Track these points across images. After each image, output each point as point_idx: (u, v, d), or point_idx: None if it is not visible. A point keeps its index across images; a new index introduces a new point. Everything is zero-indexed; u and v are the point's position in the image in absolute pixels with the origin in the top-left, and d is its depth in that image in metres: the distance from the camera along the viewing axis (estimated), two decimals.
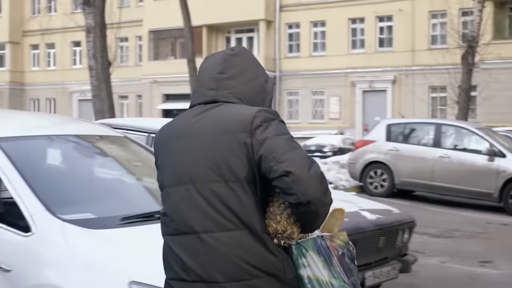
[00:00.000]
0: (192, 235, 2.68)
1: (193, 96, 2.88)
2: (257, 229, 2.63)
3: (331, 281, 2.65)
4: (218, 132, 2.68)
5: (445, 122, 16.14)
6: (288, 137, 2.64)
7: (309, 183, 2.53)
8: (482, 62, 29.81)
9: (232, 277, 2.61)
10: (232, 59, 2.84)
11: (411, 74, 36.70)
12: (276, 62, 41.07)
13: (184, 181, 2.73)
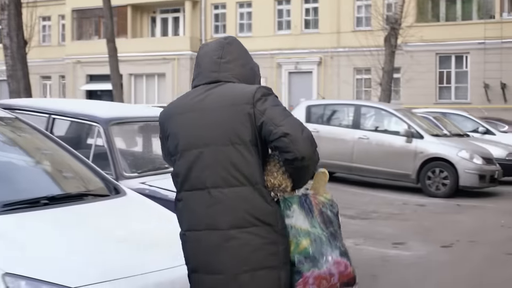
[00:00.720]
0: (203, 191, 3.21)
1: (197, 78, 3.41)
2: (259, 184, 3.18)
3: (311, 229, 3.21)
4: (225, 104, 3.24)
5: (365, 103, 16.17)
6: (283, 107, 3.25)
7: (303, 142, 3.11)
8: (405, 45, 30.19)
9: (234, 225, 3.15)
10: (228, 47, 3.38)
11: (336, 56, 36.86)
12: (202, 42, 40.63)
13: (197, 145, 3.25)
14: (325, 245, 3.21)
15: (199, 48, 3.51)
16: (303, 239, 3.20)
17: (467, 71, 33.87)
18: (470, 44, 33.07)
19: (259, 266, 3.16)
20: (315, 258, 3.19)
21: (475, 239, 9.68)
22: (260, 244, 3.15)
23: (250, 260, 3.16)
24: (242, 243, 3.16)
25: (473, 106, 32.26)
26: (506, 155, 16.35)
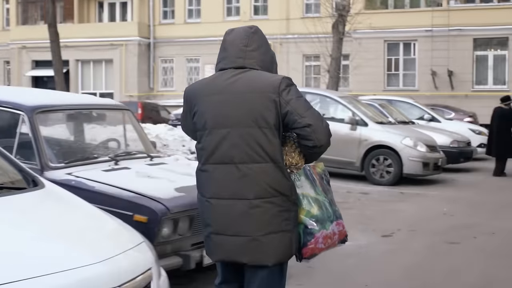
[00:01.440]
0: (231, 165, 3.72)
1: (223, 61, 3.85)
2: (279, 161, 3.72)
3: (316, 196, 3.85)
4: (252, 91, 3.70)
5: (309, 90, 15.98)
6: (305, 99, 3.77)
7: (323, 133, 3.70)
8: (354, 32, 30.12)
9: (258, 195, 3.69)
10: (253, 36, 3.86)
11: (286, 43, 36.70)
12: (150, 28, 40.14)
13: (225, 125, 3.73)
14: (329, 210, 3.90)
15: (225, 33, 3.98)
16: (313, 205, 3.84)
17: (415, 58, 34.03)
18: (418, 31, 33.22)
19: (276, 230, 3.74)
20: (323, 220, 3.85)
21: (416, 228, 9.59)
22: (277, 212, 3.73)
23: (269, 224, 3.73)
24: (263, 210, 3.72)
25: (420, 93, 32.48)
26: (450, 142, 16.40)
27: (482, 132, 19.72)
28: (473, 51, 32.88)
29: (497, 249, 8.41)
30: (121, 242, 4.20)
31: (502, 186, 14.50)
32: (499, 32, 32.15)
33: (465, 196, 12.81)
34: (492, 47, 32.98)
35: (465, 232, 9.38)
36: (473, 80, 32.94)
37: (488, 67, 32.89)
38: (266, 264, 3.77)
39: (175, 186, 6.14)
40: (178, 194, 5.98)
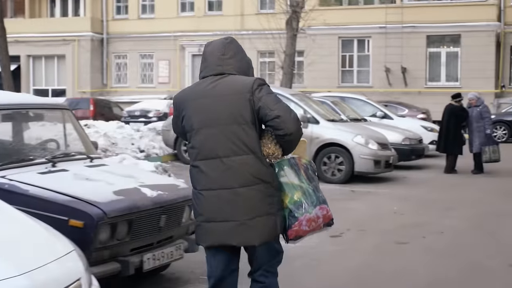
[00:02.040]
0: (216, 159, 4.20)
1: (204, 70, 4.37)
2: (258, 153, 4.22)
3: (300, 184, 4.30)
4: (231, 93, 4.22)
5: None
6: (274, 95, 4.26)
7: (291, 122, 4.17)
8: (308, 28, 30.09)
9: (242, 184, 4.17)
10: (229, 45, 4.36)
11: (240, 39, 36.19)
12: (103, 24, 39.69)
13: (209, 124, 4.24)
14: (312, 195, 4.34)
15: (204, 46, 4.49)
16: (296, 192, 4.29)
17: (369, 55, 34.19)
18: (372, 28, 33.37)
19: (261, 213, 4.20)
20: (306, 205, 4.29)
21: (366, 228, 9.49)
22: (261, 197, 4.20)
23: (254, 209, 4.19)
24: (248, 197, 4.19)
25: (374, 89, 32.62)
26: (401, 140, 16.39)
27: (434, 129, 19.77)
28: (426, 48, 33.13)
29: (445, 249, 8.34)
30: (48, 251, 4.01)
31: (453, 183, 14.51)
32: (451, 29, 32.43)
33: (415, 194, 12.78)
34: (444, 44, 33.26)
35: (414, 232, 9.31)
36: (426, 77, 33.19)
37: (441, 64, 33.17)
38: (253, 244, 4.27)
39: (114, 189, 5.91)
40: (117, 198, 5.76)
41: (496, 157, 15.94)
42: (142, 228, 5.86)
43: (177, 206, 6.28)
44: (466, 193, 13.06)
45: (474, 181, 15.01)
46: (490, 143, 15.90)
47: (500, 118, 26.64)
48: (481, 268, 7.44)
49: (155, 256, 5.98)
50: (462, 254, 8.04)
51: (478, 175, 15.80)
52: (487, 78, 32.06)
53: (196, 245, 6.60)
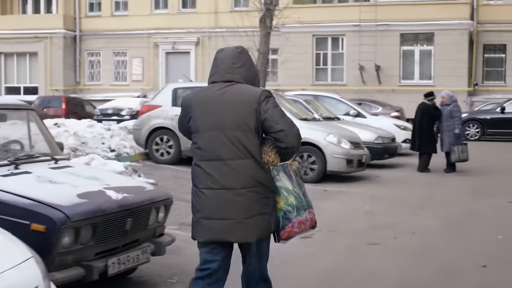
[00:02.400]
0: (220, 161, 4.51)
1: (215, 75, 4.66)
2: (258, 158, 4.52)
3: (293, 189, 4.68)
4: (238, 101, 4.51)
5: None
6: (280, 108, 4.59)
7: (293, 137, 4.54)
8: (282, 26, 29.99)
9: (243, 186, 4.48)
10: (239, 55, 4.65)
11: (214, 36, 36.37)
12: (76, 21, 39.34)
13: (215, 128, 4.53)
14: (303, 200, 4.75)
15: (216, 52, 4.77)
16: (290, 196, 4.67)
17: (343, 53, 34.18)
18: (346, 26, 33.35)
19: (257, 213, 4.55)
20: (299, 209, 4.71)
21: (337, 228, 9.42)
22: (258, 198, 4.55)
23: (252, 209, 4.53)
24: (247, 197, 4.52)
25: (349, 87, 32.63)
26: (374, 138, 16.36)
27: (407, 127, 19.78)
28: (400, 46, 33.20)
29: (416, 250, 8.30)
30: (5, 258, 3.88)
31: (425, 182, 14.51)
32: (425, 27, 32.53)
33: (388, 194, 12.75)
34: (418, 42, 33.34)
35: (385, 232, 9.25)
36: (400, 75, 33.26)
37: (415, 62, 33.26)
38: (249, 241, 4.64)
39: (78, 192, 5.78)
40: (80, 201, 5.63)
41: (465, 156, 15.91)
42: (107, 232, 5.73)
43: (144, 208, 6.16)
44: (438, 192, 13.06)
45: (447, 180, 15.02)
46: (458, 143, 15.89)
47: (472, 116, 26.76)
48: (453, 270, 7.39)
49: (120, 260, 5.86)
50: (433, 255, 7.99)
51: (450, 174, 15.82)
52: (460, 76, 32.18)
53: (164, 248, 6.54)
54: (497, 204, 11.76)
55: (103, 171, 7.81)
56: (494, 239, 8.91)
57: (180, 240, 8.62)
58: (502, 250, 8.31)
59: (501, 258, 7.89)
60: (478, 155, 19.72)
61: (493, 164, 18.18)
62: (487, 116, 26.56)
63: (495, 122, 26.21)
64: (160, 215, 6.51)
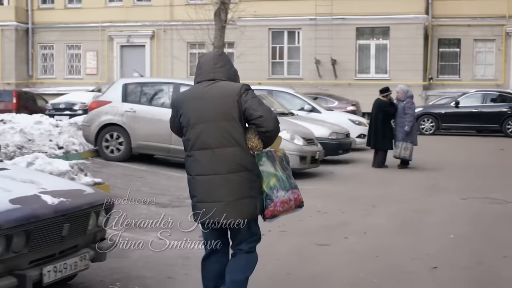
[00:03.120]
0: (209, 150, 5.07)
1: (199, 76, 5.27)
2: (244, 145, 5.10)
3: (275, 172, 5.18)
4: (222, 95, 5.11)
5: (184, 82, 15.27)
6: (258, 98, 5.18)
7: (271, 121, 5.09)
8: (238, 19, 29.81)
9: (229, 171, 5.05)
10: (219, 57, 5.30)
11: (170, 30, 36.02)
12: (28, 13, 38.61)
13: (204, 121, 5.11)
14: (285, 182, 5.23)
15: (199, 57, 5.50)
16: (272, 179, 5.17)
17: (299, 46, 34.08)
18: (302, 20, 33.28)
19: (244, 196, 5.09)
20: (281, 190, 5.18)
21: (287, 229, 9.19)
22: (244, 182, 5.09)
23: (239, 192, 5.07)
24: (234, 182, 5.06)
25: (305, 81, 32.56)
26: (328, 134, 16.22)
27: (362, 122, 19.73)
28: (356, 40, 33.22)
29: (367, 251, 8.13)
30: None
31: (378, 178, 14.43)
32: (380, 21, 32.60)
33: (341, 191, 12.62)
34: (374, 36, 33.42)
35: (337, 232, 9.10)
36: (356, 69, 33.29)
37: (370, 56, 33.33)
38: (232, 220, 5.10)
39: (11, 196, 5.48)
40: (13, 207, 5.34)
41: (406, 155, 15.77)
42: (42, 239, 5.45)
43: (82, 213, 5.90)
44: (392, 189, 12.97)
45: (400, 176, 14.95)
46: (406, 140, 15.79)
47: (427, 110, 26.86)
48: (403, 272, 7.26)
49: (57, 268, 5.58)
50: (384, 257, 7.85)
51: (404, 170, 15.76)
52: (415, 70, 32.33)
53: (104, 254, 6.29)
54: (450, 201, 11.72)
55: (41, 174, 7.48)
56: (446, 239, 8.81)
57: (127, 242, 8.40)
58: (454, 250, 8.20)
59: (452, 258, 7.78)
60: (433, 150, 19.83)
61: (447, 159, 18.21)
62: (441, 111, 26.68)
63: (449, 116, 26.35)
64: (100, 219, 6.25)
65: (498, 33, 33.17)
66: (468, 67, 33.74)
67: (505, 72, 33.13)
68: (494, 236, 9.04)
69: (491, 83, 32.75)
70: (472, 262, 7.66)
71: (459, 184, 13.70)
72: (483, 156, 19.20)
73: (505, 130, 25.66)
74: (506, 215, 10.45)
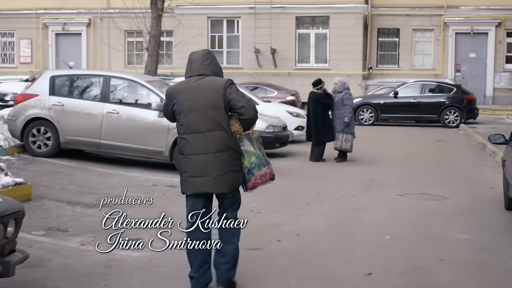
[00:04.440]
0: (199, 133, 6.12)
1: (190, 72, 6.29)
2: (228, 129, 6.17)
3: (254, 151, 6.30)
4: (210, 88, 6.16)
5: (114, 74, 14.69)
6: (240, 91, 6.36)
7: (251, 110, 6.22)
8: (176, 8, 29.24)
9: (217, 150, 6.10)
10: (207, 55, 6.35)
11: (106, 18, 35.20)
12: None
13: (195, 109, 6.15)
14: (262, 159, 6.32)
15: (189, 55, 6.37)
16: (252, 156, 6.24)
17: (238, 35, 33.68)
18: (241, 8, 32.91)
19: (229, 170, 6.12)
20: (259, 165, 6.28)
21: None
22: (230, 159, 6.12)
23: (225, 167, 6.09)
24: (221, 159, 6.08)
25: (244, 71, 32.18)
26: (265, 127, 15.76)
27: (300, 114, 19.38)
28: (295, 29, 32.94)
29: (300, 255, 7.81)
30: None
31: (316, 173, 14.13)
32: (320, 10, 32.43)
33: (276, 187, 11.89)
34: (314, 26, 33.18)
35: (269, 234, 8.75)
36: (295, 58, 33.07)
37: (310, 46, 33.11)
38: (223, 192, 6.19)
39: None
40: None
41: (347, 147, 15.59)
42: None
43: None
44: (329, 185, 12.69)
45: (338, 170, 14.68)
46: (346, 132, 15.58)
47: (366, 101, 26.70)
48: (336, 279, 6.98)
49: None
50: (317, 262, 7.52)
51: (342, 164, 15.51)
52: (355, 60, 32.25)
53: (13, 269, 5.80)
54: (387, 197, 11.51)
55: None
56: (382, 240, 8.54)
57: (46, 249, 7.91)
58: (390, 254, 7.91)
59: (387, 263, 7.48)
60: (371, 141, 19.68)
61: (385, 151, 18.06)
62: (380, 101, 26.55)
63: (388, 106, 26.24)
64: (9, 230, 5.77)
65: (436, 23, 33.34)
66: (407, 56, 33.87)
67: (443, 62, 33.36)
68: (431, 236, 8.81)
69: (429, 73, 32.97)
70: (407, 266, 7.39)
71: (396, 178, 13.51)
72: (421, 147, 19.10)
73: (443, 120, 25.69)
74: (442, 213, 10.24)
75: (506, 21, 32.88)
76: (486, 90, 33.25)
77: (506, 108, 31.10)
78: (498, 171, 12.92)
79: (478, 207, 10.81)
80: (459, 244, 8.44)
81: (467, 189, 12.32)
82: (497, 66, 33.24)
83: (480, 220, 9.78)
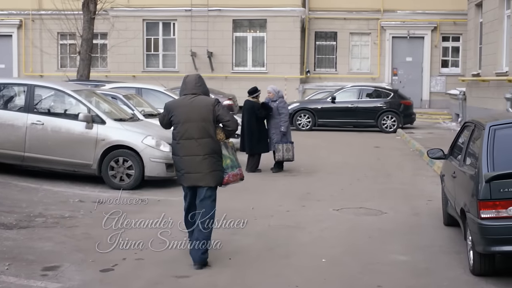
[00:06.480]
0: (192, 140, 7.81)
1: (184, 91, 7.98)
2: (214, 137, 7.91)
3: (229, 156, 8.11)
4: (202, 105, 7.86)
5: (39, 83, 13.89)
6: (226, 108, 8.30)
7: (235, 123, 8.06)
8: (111, 10, 28.53)
9: (206, 153, 7.84)
10: (199, 79, 8.08)
11: (38, 19, 34.18)
12: None
13: (189, 121, 7.80)
14: (235, 162, 8.10)
15: (184, 77, 8.16)
16: (227, 159, 8.01)
17: (174, 38, 33.13)
18: (177, 11, 32.45)
19: (214, 169, 7.88)
20: (232, 167, 8.05)
21: (144, 256, 8.26)
22: (215, 161, 7.88)
23: (212, 167, 7.85)
24: (209, 160, 7.82)
25: (181, 74, 31.35)
26: None
27: None
28: (232, 33, 32.55)
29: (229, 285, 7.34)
30: None
31: (251, 185, 13.37)
32: (257, 14, 32.14)
33: None
34: (251, 29, 32.81)
35: None
36: (232, 62, 32.69)
37: (248, 49, 32.77)
38: (210, 186, 7.86)
39: None
40: None
41: (289, 156, 15.25)
42: None
43: None
44: (264, 199, 12.25)
45: (274, 182, 14.23)
46: (284, 141, 15.21)
47: (303, 106, 26.39)
48: None
49: None
50: None
51: (278, 174, 15.13)
52: (292, 63, 32.03)
53: None
54: (323, 212, 11.15)
55: None
56: (317, 264, 8.13)
57: None
58: (325, 281, 7.51)
59: None
60: (309, 148, 19.37)
61: (322, 159, 17.78)
62: (318, 106, 26.26)
63: (326, 111, 26.00)
64: None
65: (374, 27, 33.36)
66: (345, 60, 33.81)
67: (380, 66, 33.40)
68: (368, 258, 8.43)
69: (366, 77, 32.95)
70: None
71: (333, 190, 13.16)
72: (359, 155, 18.84)
73: (380, 125, 25.59)
74: (380, 231, 9.87)
75: (441, 25, 33.12)
76: (422, 94, 33.42)
77: (442, 112, 31.32)
78: (436, 182, 12.72)
79: (417, 223, 10.50)
80: (398, 267, 8.08)
81: (405, 202, 12.02)
82: (433, 70, 33.45)
83: (419, 239, 9.45)
